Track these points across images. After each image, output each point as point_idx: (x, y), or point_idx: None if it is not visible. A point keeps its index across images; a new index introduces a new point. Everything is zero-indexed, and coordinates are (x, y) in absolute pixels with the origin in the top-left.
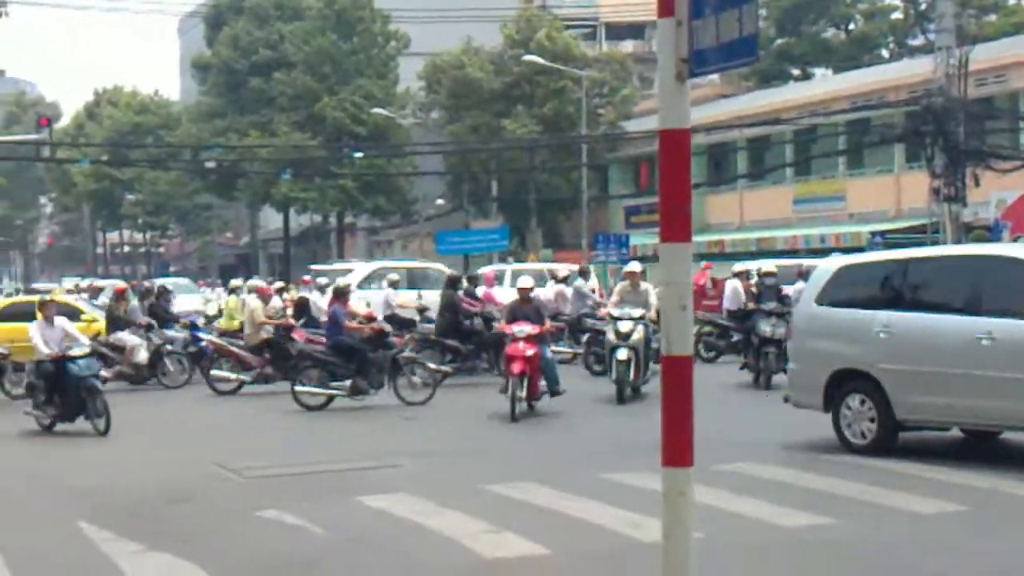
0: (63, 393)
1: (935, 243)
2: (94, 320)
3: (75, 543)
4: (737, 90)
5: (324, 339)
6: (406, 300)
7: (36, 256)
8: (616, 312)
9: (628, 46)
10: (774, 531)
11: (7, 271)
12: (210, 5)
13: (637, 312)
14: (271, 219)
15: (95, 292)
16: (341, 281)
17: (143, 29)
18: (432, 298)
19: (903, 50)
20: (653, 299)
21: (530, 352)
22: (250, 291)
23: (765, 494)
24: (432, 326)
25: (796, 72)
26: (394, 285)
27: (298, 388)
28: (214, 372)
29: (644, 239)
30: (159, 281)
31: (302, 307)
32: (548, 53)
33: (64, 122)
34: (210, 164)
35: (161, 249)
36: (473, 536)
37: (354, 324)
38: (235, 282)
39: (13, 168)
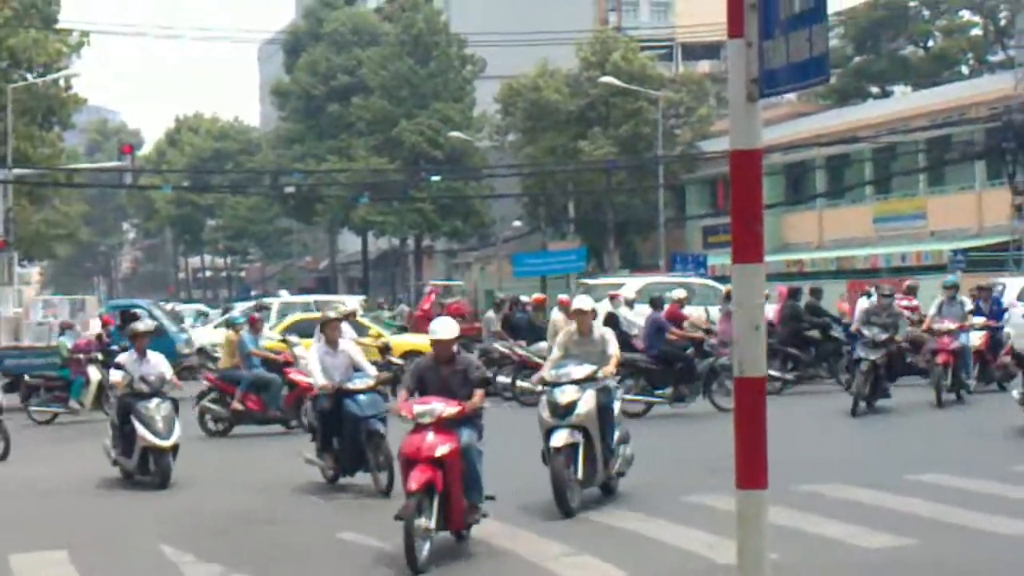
0: (341, 437)
1: (1017, 261)
2: (380, 336)
3: (156, 565)
4: (813, 108)
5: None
6: (696, 317)
7: (119, 281)
8: (550, 374)
9: (704, 66)
10: (852, 552)
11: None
12: (288, 32)
13: (582, 371)
14: (350, 243)
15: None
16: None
17: (223, 57)
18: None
19: (983, 66)
20: (612, 348)
21: (443, 449)
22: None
23: (845, 515)
24: None
25: (875, 89)
26: (681, 302)
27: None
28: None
29: (722, 259)
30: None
31: (612, 322)
32: (624, 74)
33: (146, 149)
34: (289, 189)
35: (242, 273)
36: (552, 558)
37: (678, 333)
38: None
39: (96, 195)
